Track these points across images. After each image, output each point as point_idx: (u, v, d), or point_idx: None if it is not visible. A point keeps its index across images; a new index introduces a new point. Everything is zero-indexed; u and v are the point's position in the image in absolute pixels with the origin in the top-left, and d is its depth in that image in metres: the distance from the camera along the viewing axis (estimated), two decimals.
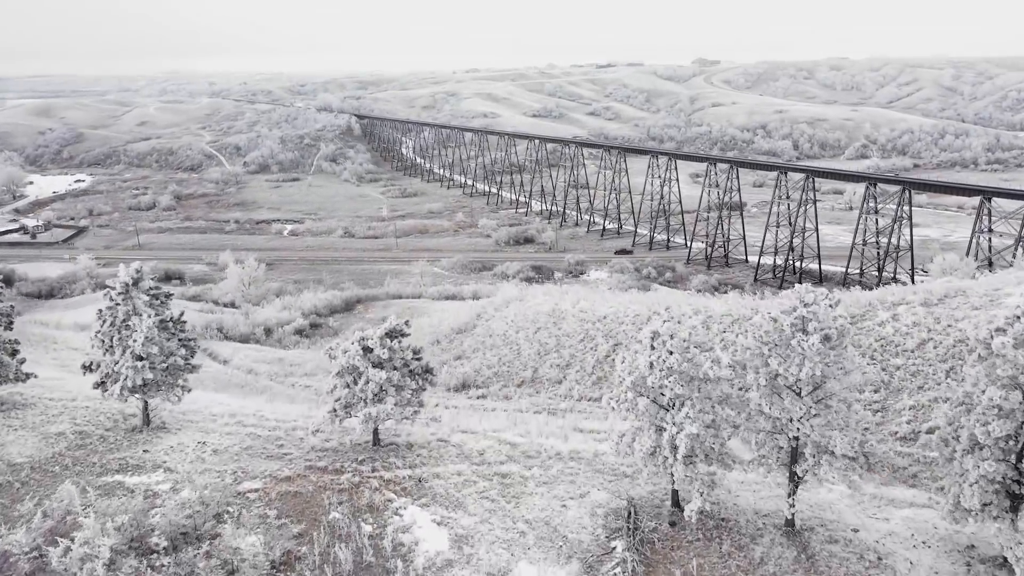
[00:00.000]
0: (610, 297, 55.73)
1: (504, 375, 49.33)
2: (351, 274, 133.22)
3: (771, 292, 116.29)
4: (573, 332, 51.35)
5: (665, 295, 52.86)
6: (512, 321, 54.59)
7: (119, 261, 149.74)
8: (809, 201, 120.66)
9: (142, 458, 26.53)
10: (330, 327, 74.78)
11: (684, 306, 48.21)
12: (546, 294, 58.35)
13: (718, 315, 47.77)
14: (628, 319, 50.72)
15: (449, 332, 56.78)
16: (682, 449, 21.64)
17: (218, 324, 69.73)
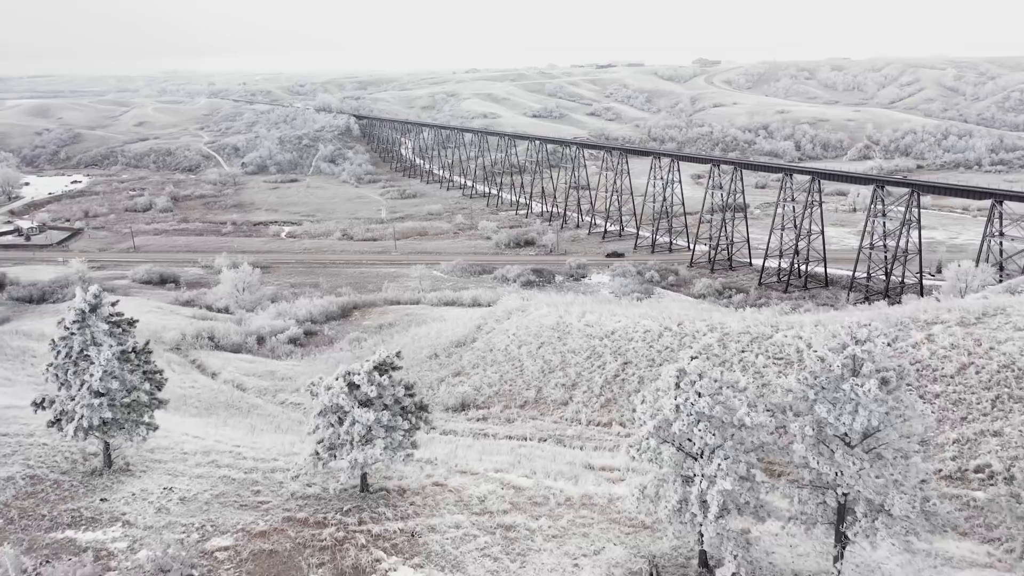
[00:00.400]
0: (618, 310, 53.42)
1: (506, 394, 46.39)
2: (349, 277, 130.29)
3: (777, 296, 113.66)
4: (579, 348, 48.62)
5: (676, 309, 50.02)
6: (514, 335, 51.78)
7: (114, 264, 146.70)
8: (815, 203, 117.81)
9: (98, 509, 23.56)
10: (325, 335, 71.71)
11: (697, 322, 45.31)
12: (549, 305, 55.78)
13: (735, 332, 45.01)
14: (638, 335, 48.11)
15: (448, 345, 53.70)
16: (714, 508, 18.76)
17: (209, 332, 66.73)
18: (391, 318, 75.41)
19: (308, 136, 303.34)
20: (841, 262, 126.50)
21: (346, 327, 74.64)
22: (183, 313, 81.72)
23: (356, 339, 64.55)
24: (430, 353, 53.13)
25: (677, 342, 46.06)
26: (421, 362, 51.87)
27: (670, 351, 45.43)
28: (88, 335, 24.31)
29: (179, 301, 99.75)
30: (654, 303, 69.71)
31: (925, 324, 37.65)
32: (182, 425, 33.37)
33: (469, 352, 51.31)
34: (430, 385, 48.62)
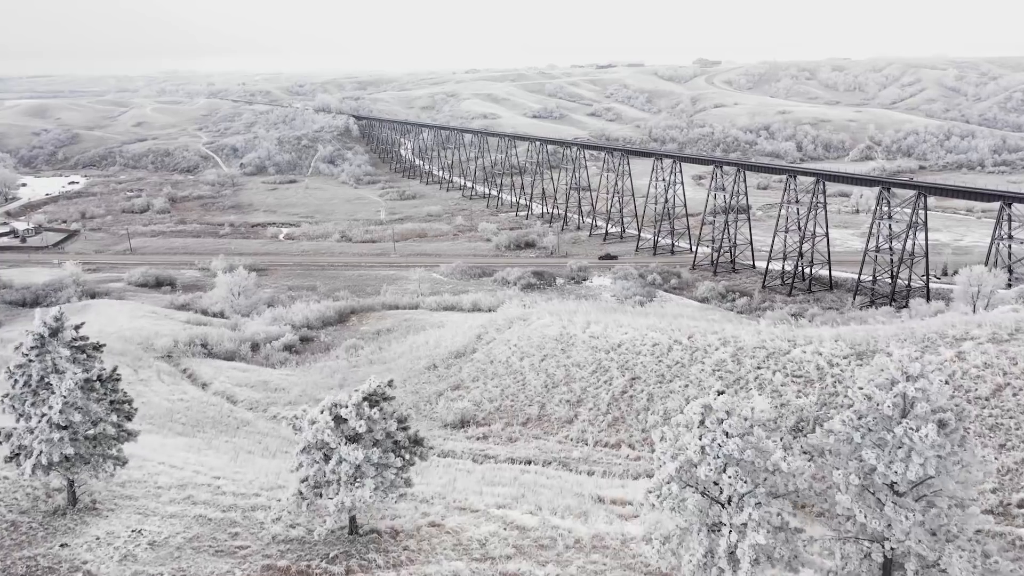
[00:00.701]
0: (624, 320, 51.15)
1: (508, 411, 44.10)
2: (347, 280, 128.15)
3: (781, 300, 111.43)
4: (584, 362, 46.36)
5: (686, 321, 47.43)
6: (516, 345, 49.53)
7: (110, 266, 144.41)
8: (819, 205, 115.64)
9: (57, 557, 21.26)
10: (321, 342, 69.47)
11: (709, 335, 43.23)
12: (552, 314, 53.46)
13: (749, 347, 42.98)
14: (646, 349, 45.91)
15: (447, 356, 51.40)
16: (745, 564, 16.58)
17: (202, 339, 64.44)
18: (389, 323, 73.21)
19: (307, 137, 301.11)
20: (845, 264, 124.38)
21: (343, 333, 72.41)
22: (177, 318, 79.50)
23: (353, 346, 62.47)
24: (428, 364, 50.97)
25: (688, 357, 43.98)
26: (419, 373, 49.87)
27: (681, 366, 43.43)
28: (48, 362, 22.12)
29: (174, 305, 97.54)
30: (661, 311, 67.31)
31: (954, 340, 35.48)
32: (163, 448, 31.13)
33: (469, 364, 49.03)
34: (428, 399, 46.60)
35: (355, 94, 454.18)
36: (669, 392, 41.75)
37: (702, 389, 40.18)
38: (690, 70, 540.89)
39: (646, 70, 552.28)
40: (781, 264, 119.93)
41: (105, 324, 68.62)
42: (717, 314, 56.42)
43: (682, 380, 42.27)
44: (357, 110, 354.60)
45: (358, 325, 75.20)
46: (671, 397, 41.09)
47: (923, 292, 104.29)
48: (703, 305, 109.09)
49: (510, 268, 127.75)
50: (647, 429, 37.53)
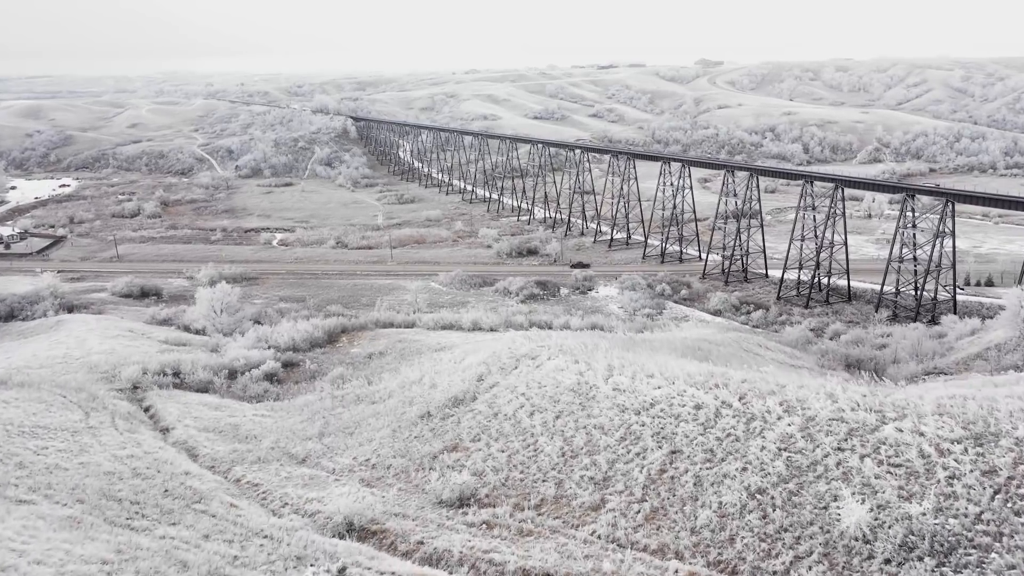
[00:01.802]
0: (652, 364, 42.23)
1: (517, 486, 36.57)
2: (341, 290, 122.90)
3: (799, 312, 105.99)
4: (609, 425, 38.24)
5: (736, 373, 38.28)
6: (523, 394, 42.08)
7: (94, 275, 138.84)
8: (837, 213, 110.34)
9: None
10: (306, 369, 63.38)
11: (768, 399, 36.54)
12: (565, 352, 45.22)
13: (823, 418, 35.00)
14: (687, 412, 37.81)
15: (444, 403, 43.72)
16: None
17: (175, 367, 58.60)
18: (382, 345, 67.46)
19: (304, 138, 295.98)
20: (860, 273, 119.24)
21: (332, 356, 66.63)
22: (155, 336, 74.13)
23: (339, 377, 56.54)
24: (421, 412, 43.81)
25: (743, 427, 35.97)
26: (410, 424, 42.94)
27: (734, 440, 35.70)
28: None
29: (156, 320, 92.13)
30: (683, 330, 61.46)
31: None
32: None
33: (469, 415, 41.99)
34: (420, 463, 39.66)
35: (354, 95, 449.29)
36: (722, 477, 33.32)
37: (765, 475, 32.55)
38: (692, 71, 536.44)
39: (648, 70, 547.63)
40: (797, 274, 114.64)
41: (73, 347, 63.36)
42: (769, 366, 47.90)
43: (738, 460, 34.07)
44: (355, 111, 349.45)
45: (348, 347, 69.37)
46: (726, 484, 32.84)
47: (950, 304, 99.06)
48: (716, 319, 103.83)
49: (512, 277, 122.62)
50: (698, 530, 30.46)
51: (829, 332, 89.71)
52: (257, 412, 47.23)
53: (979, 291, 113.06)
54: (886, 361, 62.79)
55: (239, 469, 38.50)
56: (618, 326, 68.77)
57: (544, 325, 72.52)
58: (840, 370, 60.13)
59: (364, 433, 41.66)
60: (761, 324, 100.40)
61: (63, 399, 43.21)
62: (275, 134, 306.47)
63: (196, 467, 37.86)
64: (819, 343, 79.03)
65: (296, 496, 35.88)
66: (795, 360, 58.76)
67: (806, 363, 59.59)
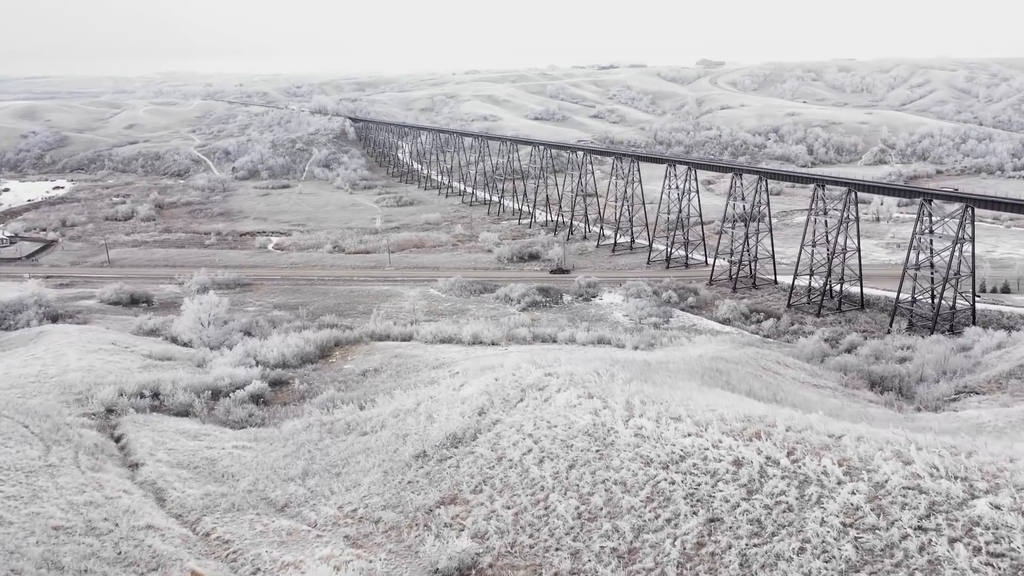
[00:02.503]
0: (678, 403, 36.23)
1: (526, 553, 30.79)
2: (337, 297, 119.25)
3: (811, 321, 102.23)
4: (632, 481, 32.37)
5: (779, 412, 32.43)
6: (531, 435, 36.93)
7: (84, 280, 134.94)
8: (850, 218, 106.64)
9: None
10: (295, 390, 59.18)
11: (822, 454, 30.96)
12: (577, 383, 39.81)
13: (895, 486, 28.65)
14: (724, 467, 31.88)
15: (441, 442, 38.68)
16: None
17: (154, 387, 54.53)
18: (377, 361, 63.58)
19: (302, 139, 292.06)
20: (872, 279, 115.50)
21: (323, 374, 62.67)
22: (139, 349, 70.40)
23: (329, 400, 52.42)
24: (416, 451, 38.86)
25: (795, 492, 29.62)
26: (404, 466, 38.40)
27: (786, 510, 29.34)
28: None
29: (143, 330, 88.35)
30: (697, 345, 57.65)
31: None
32: None
33: (469, 458, 36.95)
34: (413, 519, 34.37)
35: (353, 95, 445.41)
36: (775, 558, 26.99)
37: (829, 558, 26.14)
38: (693, 71, 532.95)
39: (649, 71, 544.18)
40: (808, 281, 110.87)
41: (50, 363, 59.60)
42: (791, 385, 43.36)
43: (793, 537, 27.63)
44: (354, 112, 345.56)
45: (341, 362, 65.36)
46: (780, 569, 26.58)
47: (969, 313, 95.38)
48: (725, 328, 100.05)
49: (513, 283, 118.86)
50: None
51: (845, 343, 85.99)
52: (238, 442, 43.18)
53: (996, 298, 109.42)
54: (912, 379, 59.16)
55: (209, 520, 34.20)
56: (626, 340, 65.07)
57: (548, 339, 68.79)
58: (864, 389, 56.45)
59: (352, 475, 37.51)
60: (772, 334, 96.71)
61: (24, 430, 39.34)
62: (273, 135, 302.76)
63: (162, 516, 33.78)
64: (836, 356, 75.31)
65: (270, 560, 31.87)
66: (816, 378, 55.10)
67: (828, 381, 55.89)
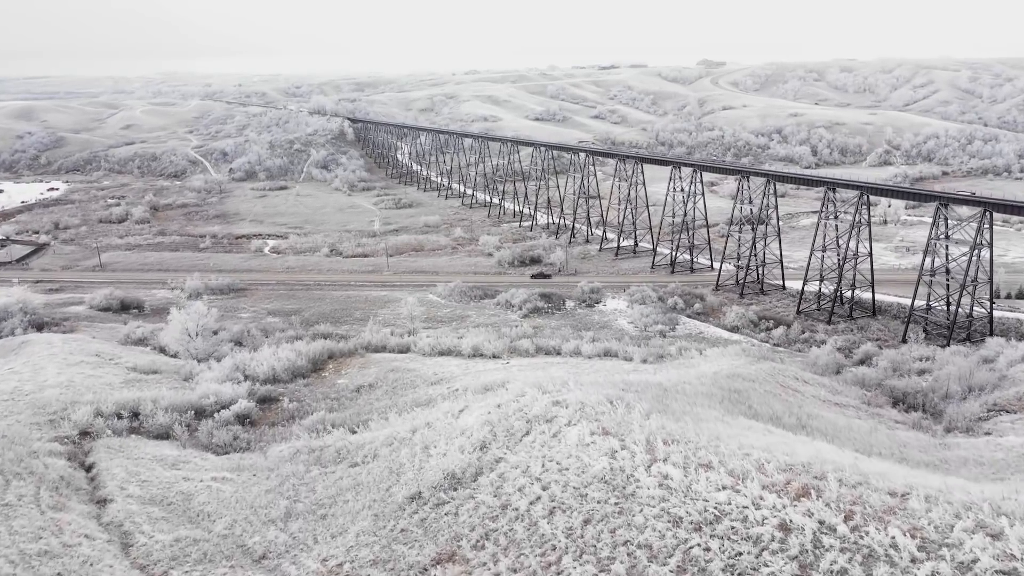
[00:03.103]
0: (706, 446, 31.44)
1: None
2: (333, 303, 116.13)
3: (823, 329, 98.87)
4: (659, 545, 27.77)
5: (829, 455, 30.98)
6: (539, 479, 32.48)
7: (74, 285, 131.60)
8: (862, 222, 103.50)
9: None
10: (284, 409, 55.64)
11: (887, 520, 26.25)
12: (590, 416, 35.23)
13: (986, 569, 23.87)
14: (769, 533, 27.06)
15: (438, 481, 34.58)
16: None
17: (134, 406, 51.14)
18: (372, 375, 60.25)
19: (300, 140, 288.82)
20: (882, 284, 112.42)
21: (315, 390, 59.23)
22: (124, 361, 67.17)
23: (319, 422, 48.75)
24: (411, 492, 34.40)
25: (860, 571, 24.89)
26: (396, 510, 34.04)
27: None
28: None
29: (130, 340, 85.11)
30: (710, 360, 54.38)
31: None
32: None
33: (469, 504, 32.52)
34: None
35: (352, 96, 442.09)
36: None
37: None
38: (695, 71, 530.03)
39: (649, 71, 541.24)
40: (818, 286, 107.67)
41: (27, 378, 56.25)
42: (813, 406, 39.23)
43: None
44: (353, 112, 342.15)
45: (335, 377, 61.96)
46: None
47: (985, 322, 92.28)
48: (734, 336, 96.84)
49: (515, 289, 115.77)
50: None
51: (859, 353, 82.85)
52: (218, 472, 39.72)
53: (1013, 305, 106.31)
54: (937, 396, 55.99)
55: (176, 575, 30.66)
56: (634, 353, 61.87)
57: (552, 351, 65.60)
58: (887, 406, 53.30)
59: (339, 517, 33.77)
60: (783, 342, 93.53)
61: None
62: (271, 136, 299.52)
63: (124, 569, 30.10)
64: (853, 368, 72.14)
65: None
66: (836, 395, 51.98)
67: (849, 398, 52.74)
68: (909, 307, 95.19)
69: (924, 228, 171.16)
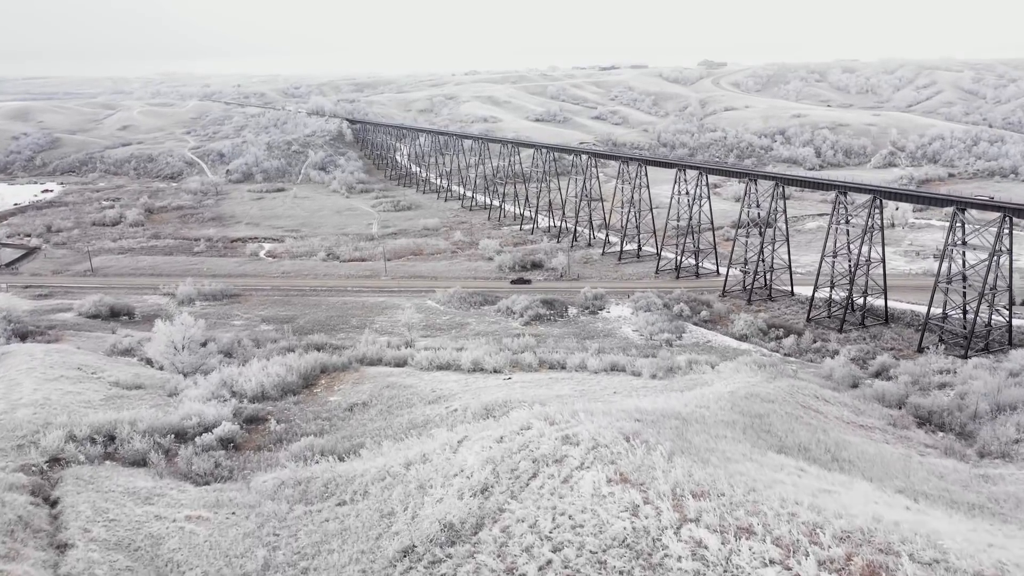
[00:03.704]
0: (740, 496, 27.65)
1: None
2: (329, 309, 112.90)
3: (835, 338, 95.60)
4: None
5: (885, 512, 25.92)
6: (549, 538, 27.90)
7: (64, 291, 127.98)
8: (875, 227, 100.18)
9: None
10: (272, 432, 51.68)
11: None
12: (606, 459, 30.89)
13: None
14: None
15: (434, 535, 30.21)
16: None
17: (110, 429, 47.39)
18: (367, 392, 56.78)
19: (298, 141, 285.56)
20: (893, 291, 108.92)
21: (305, 409, 55.61)
22: (106, 376, 63.88)
23: (307, 448, 44.65)
24: (403, 545, 29.90)
25: None
26: (385, 567, 29.59)
27: None
28: None
29: (117, 350, 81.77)
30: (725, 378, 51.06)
31: None
32: None
33: (468, 565, 27.95)
34: None
35: (351, 96, 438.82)
36: None
37: None
38: (696, 72, 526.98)
39: (650, 72, 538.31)
40: (828, 293, 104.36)
41: (1, 395, 52.98)
42: (837, 430, 35.31)
43: None
44: (352, 113, 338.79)
45: (326, 394, 58.41)
46: None
47: (1004, 331, 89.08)
48: (743, 345, 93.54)
49: (516, 295, 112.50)
50: None
51: (875, 365, 79.57)
52: (194, 510, 35.99)
53: None
54: (964, 415, 52.73)
55: None
56: (643, 367, 58.59)
57: (556, 365, 62.32)
58: (913, 427, 50.05)
59: (323, 573, 30.15)
60: (794, 352, 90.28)
61: None
62: (268, 137, 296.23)
63: None
64: (870, 382, 68.85)
65: None
66: (860, 416, 48.70)
67: (874, 419, 49.48)
68: (925, 315, 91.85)
69: (933, 231, 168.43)
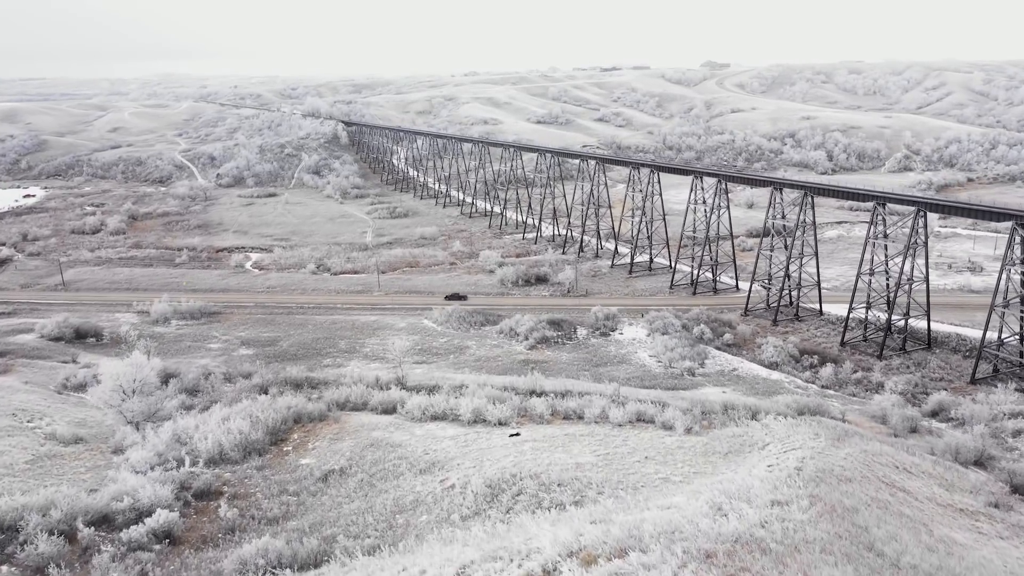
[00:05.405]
0: None
1: None
2: (316, 330, 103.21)
3: (877, 367, 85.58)
4: None
5: None
6: None
7: (30, 308, 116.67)
8: (918, 243, 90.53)
9: None
10: (221, 518, 40.64)
11: None
12: None
13: None
14: None
15: None
16: None
17: (16, 518, 36.61)
18: (346, 453, 46.71)
19: (292, 144, 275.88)
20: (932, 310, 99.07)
21: (270, 477, 45.34)
22: (44, 426, 54.25)
23: (260, 556, 34.21)
24: None
25: None
26: None
27: None
28: None
29: (69, 386, 72.03)
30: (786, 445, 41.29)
31: None
32: None
33: None
34: None
35: (348, 97, 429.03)
36: None
37: None
38: (699, 73, 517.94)
39: (653, 73, 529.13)
40: (864, 314, 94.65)
41: None
42: (942, 526, 27.49)
43: None
44: (349, 115, 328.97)
45: (298, 455, 48.16)
46: None
47: None
48: (774, 375, 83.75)
49: (520, 315, 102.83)
50: None
51: (931, 404, 69.95)
52: None
53: None
54: None
55: None
56: (676, 421, 48.98)
57: (573, 415, 52.74)
58: (1017, 506, 40.50)
59: None
60: (832, 384, 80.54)
61: None
62: (261, 139, 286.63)
63: None
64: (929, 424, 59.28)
65: None
66: (952, 492, 39.30)
67: (967, 496, 40.03)
68: (979, 342, 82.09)
69: (961, 241, 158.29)
